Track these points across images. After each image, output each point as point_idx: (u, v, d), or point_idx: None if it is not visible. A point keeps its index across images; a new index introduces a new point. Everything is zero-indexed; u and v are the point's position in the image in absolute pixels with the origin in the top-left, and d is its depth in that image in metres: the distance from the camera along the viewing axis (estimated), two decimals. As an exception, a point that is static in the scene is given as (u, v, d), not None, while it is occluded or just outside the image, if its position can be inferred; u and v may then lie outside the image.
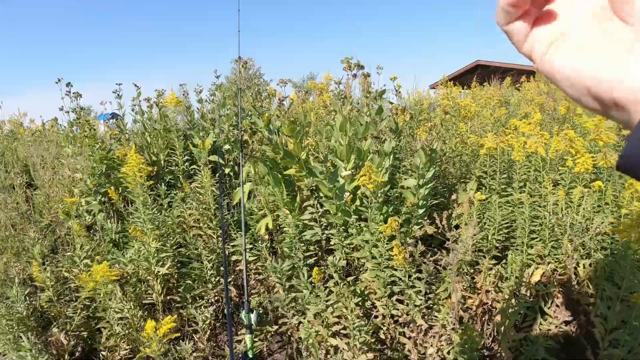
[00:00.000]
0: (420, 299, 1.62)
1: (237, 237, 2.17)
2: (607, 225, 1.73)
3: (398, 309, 1.68)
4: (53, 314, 1.96)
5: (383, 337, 1.71)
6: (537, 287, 1.72)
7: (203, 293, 2.04)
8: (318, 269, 1.60)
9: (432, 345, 1.58)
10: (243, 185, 1.94)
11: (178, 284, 2.07)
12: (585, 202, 1.78)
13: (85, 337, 1.95)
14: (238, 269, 2.23)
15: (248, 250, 2.05)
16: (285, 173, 2.23)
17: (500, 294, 1.71)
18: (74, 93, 3.01)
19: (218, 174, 2.48)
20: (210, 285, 2.05)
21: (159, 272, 1.92)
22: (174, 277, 2.09)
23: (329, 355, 1.67)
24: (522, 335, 1.65)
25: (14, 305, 1.78)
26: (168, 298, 2.03)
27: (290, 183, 2.30)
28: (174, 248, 2.12)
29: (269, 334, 1.96)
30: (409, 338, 1.64)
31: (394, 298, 1.70)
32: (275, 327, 1.92)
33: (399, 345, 1.69)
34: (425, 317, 1.66)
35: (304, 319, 1.73)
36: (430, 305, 1.70)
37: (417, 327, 1.64)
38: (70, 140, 3.09)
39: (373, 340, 1.64)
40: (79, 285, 1.87)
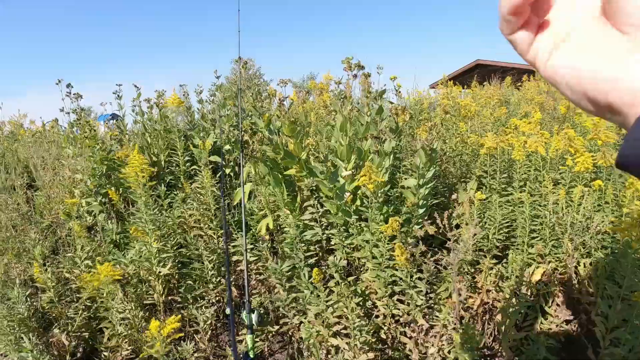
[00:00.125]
0: (422, 299, 1.62)
1: (237, 237, 2.17)
2: (607, 224, 1.73)
3: (399, 309, 1.68)
4: (54, 315, 1.96)
5: (384, 336, 1.71)
6: (537, 286, 1.72)
7: (204, 293, 2.04)
8: (318, 269, 1.60)
9: (433, 345, 1.58)
10: (244, 186, 1.94)
11: (179, 285, 2.07)
12: (586, 201, 1.78)
13: (87, 337, 1.95)
14: (239, 269, 2.24)
15: (249, 251, 2.05)
16: (286, 173, 2.23)
17: (501, 294, 1.71)
18: (75, 94, 3.01)
19: (219, 175, 2.48)
20: (211, 286, 2.05)
21: (161, 272, 1.92)
22: (175, 277, 2.10)
23: (330, 355, 1.67)
24: (523, 335, 1.65)
25: (15, 306, 1.78)
26: (169, 298, 2.04)
27: (291, 183, 2.30)
28: (175, 248, 2.12)
29: (270, 334, 1.96)
30: (410, 338, 1.65)
31: (395, 298, 1.71)
32: (276, 327, 1.92)
33: (400, 345, 1.69)
34: (426, 316, 1.66)
35: (305, 319, 1.73)
36: (431, 305, 1.70)
37: (418, 326, 1.64)
38: (71, 141, 3.10)
39: (374, 340, 1.65)
40: (80, 286, 1.87)
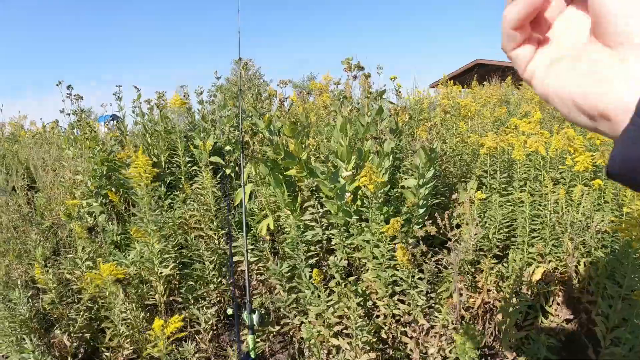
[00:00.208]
0: (422, 299, 1.63)
1: (238, 238, 2.17)
2: (607, 224, 1.74)
3: (400, 309, 1.68)
4: (55, 316, 1.96)
5: (385, 336, 1.72)
6: (538, 285, 1.72)
7: (205, 294, 2.05)
8: (319, 270, 1.60)
9: (433, 345, 1.58)
10: (244, 186, 1.94)
11: (180, 285, 2.08)
12: (585, 200, 1.79)
13: (88, 338, 1.96)
14: (240, 270, 2.24)
15: (250, 251, 2.06)
16: (286, 174, 2.23)
17: (502, 293, 1.71)
18: (75, 95, 3.02)
19: (219, 175, 2.48)
20: (212, 286, 2.05)
21: (162, 273, 1.92)
22: (176, 278, 2.10)
23: (331, 355, 1.67)
24: (523, 334, 1.65)
25: (17, 308, 1.79)
26: (170, 299, 2.04)
27: (291, 184, 2.31)
28: (176, 249, 2.12)
29: (271, 335, 1.96)
30: (411, 337, 1.65)
31: (396, 298, 1.71)
32: (277, 327, 1.93)
33: (401, 345, 1.70)
34: (427, 316, 1.67)
35: (306, 319, 1.73)
36: (432, 305, 1.71)
37: (419, 326, 1.65)
38: (71, 143, 3.10)
39: (375, 340, 1.65)
40: (81, 287, 1.88)
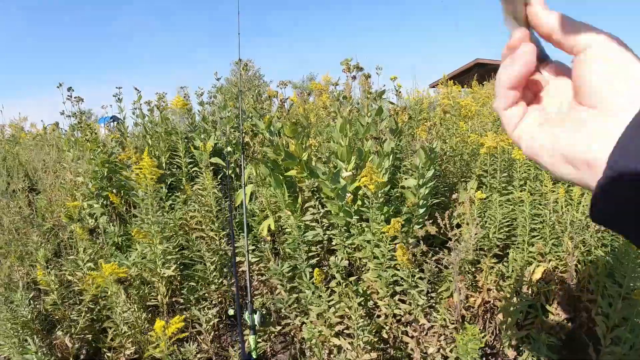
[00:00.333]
0: (423, 298, 1.63)
1: (239, 238, 2.18)
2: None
3: (400, 309, 1.69)
4: (57, 317, 1.97)
5: (386, 336, 1.72)
6: (538, 284, 1.73)
7: (206, 294, 2.05)
8: (319, 270, 1.61)
9: (434, 345, 1.59)
10: (245, 187, 1.95)
11: (181, 286, 2.08)
12: (585, 199, 1.79)
13: (90, 339, 1.96)
14: (241, 270, 2.24)
15: (251, 252, 2.06)
16: (287, 174, 2.24)
17: (502, 292, 1.72)
18: (75, 97, 3.03)
19: (219, 176, 2.49)
20: (213, 287, 2.06)
21: (164, 274, 1.93)
22: (177, 279, 2.10)
23: (332, 355, 1.68)
24: (524, 333, 1.66)
25: (19, 309, 1.79)
26: (172, 300, 2.04)
27: (292, 184, 2.31)
28: (177, 250, 2.13)
29: (273, 335, 1.97)
30: (412, 337, 1.65)
31: (396, 297, 1.71)
32: (279, 327, 1.93)
33: (402, 345, 1.70)
34: (428, 316, 1.67)
35: (307, 319, 1.74)
36: (433, 305, 1.71)
37: (419, 326, 1.65)
38: (72, 145, 3.11)
39: (376, 340, 1.65)
40: (83, 289, 1.88)
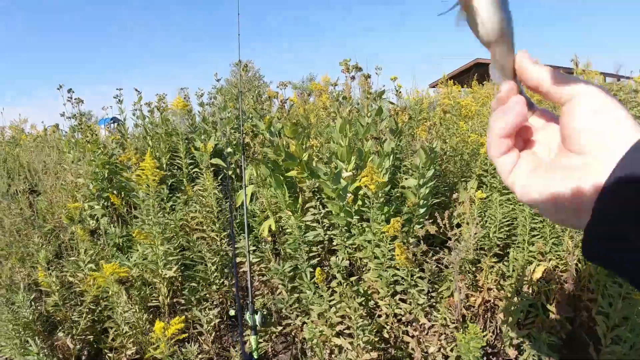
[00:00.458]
0: (423, 298, 1.64)
1: (240, 239, 2.18)
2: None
3: (401, 308, 1.69)
4: (59, 319, 1.97)
5: (386, 336, 1.73)
6: (539, 284, 1.73)
7: (207, 295, 2.06)
8: (321, 270, 1.61)
9: (435, 344, 1.59)
10: (245, 188, 1.95)
11: (182, 287, 2.09)
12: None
13: (91, 340, 1.97)
14: (242, 271, 2.25)
15: (251, 252, 2.07)
16: (287, 175, 2.24)
17: (503, 292, 1.72)
18: (75, 99, 3.03)
19: (220, 177, 2.49)
20: (215, 287, 2.06)
21: (166, 275, 1.93)
22: (178, 280, 2.11)
23: (333, 355, 1.68)
24: (525, 332, 1.66)
25: (20, 311, 1.80)
26: (173, 301, 2.05)
27: (292, 185, 2.32)
28: (178, 251, 2.13)
29: (274, 335, 1.97)
30: (412, 337, 1.66)
31: (397, 297, 1.72)
32: (280, 327, 1.94)
33: (403, 344, 1.71)
34: (428, 315, 1.67)
35: (308, 320, 1.74)
36: (433, 304, 1.71)
37: (420, 325, 1.66)
38: (72, 146, 3.11)
39: (377, 340, 1.66)
40: (84, 290, 1.89)
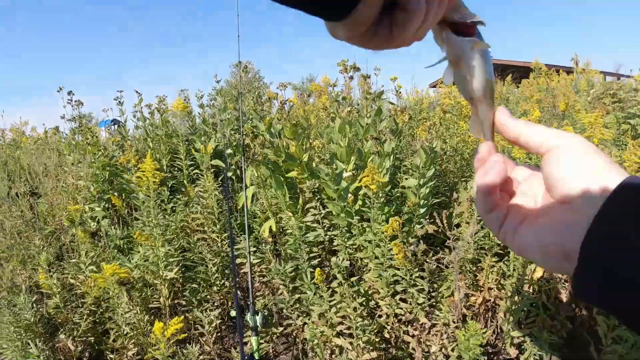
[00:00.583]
0: (423, 298, 1.64)
1: (241, 240, 2.19)
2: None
3: (401, 308, 1.69)
4: (60, 321, 1.97)
5: (387, 336, 1.73)
6: (539, 283, 1.73)
7: (208, 296, 2.06)
8: (321, 270, 1.61)
9: (435, 343, 1.59)
10: (246, 189, 1.95)
11: (183, 288, 2.09)
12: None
13: (92, 342, 1.97)
14: (242, 272, 2.25)
15: (252, 253, 2.07)
16: (287, 176, 2.25)
17: (503, 291, 1.72)
18: (76, 101, 3.04)
19: (220, 178, 2.50)
20: (216, 289, 2.06)
21: (167, 276, 1.94)
22: (179, 281, 2.11)
23: (334, 355, 1.68)
24: (525, 332, 1.66)
25: (21, 313, 1.80)
26: (174, 302, 2.05)
27: (293, 185, 2.32)
28: (179, 252, 2.13)
29: (275, 336, 1.97)
30: (413, 336, 1.66)
31: (397, 297, 1.72)
32: (281, 328, 1.94)
33: (403, 344, 1.71)
34: (429, 315, 1.68)
35: (309, 320, 1.74)
36: (434, 304, 1.71)
37: (420, 325, 1.66)
38: (73, 148, 3.12)
39: (377, 340, 1.66)
40: (85, 291, 1.89)
